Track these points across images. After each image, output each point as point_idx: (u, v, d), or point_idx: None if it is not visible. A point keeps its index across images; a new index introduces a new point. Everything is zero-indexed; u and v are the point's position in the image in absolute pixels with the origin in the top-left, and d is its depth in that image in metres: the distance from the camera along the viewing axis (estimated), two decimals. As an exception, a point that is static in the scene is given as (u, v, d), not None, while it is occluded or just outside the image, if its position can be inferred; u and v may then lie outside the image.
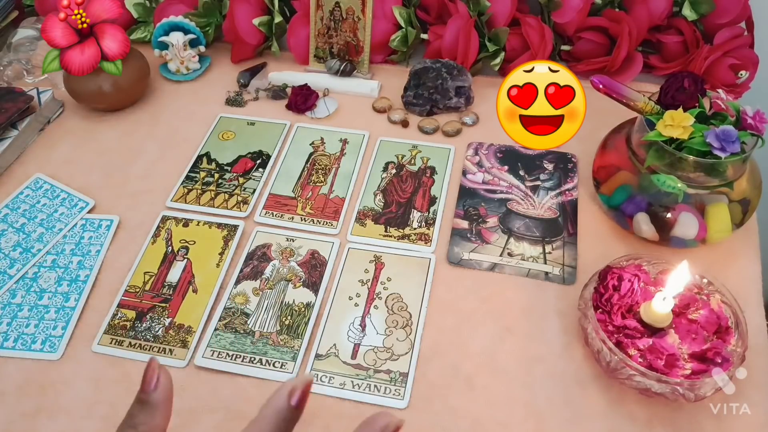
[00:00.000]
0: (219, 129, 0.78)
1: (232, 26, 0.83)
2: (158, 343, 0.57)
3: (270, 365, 0.55)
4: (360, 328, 0.58)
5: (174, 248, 0.65)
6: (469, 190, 0.69)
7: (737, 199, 0.58)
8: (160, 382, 0.36)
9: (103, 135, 0.78)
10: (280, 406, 0.32)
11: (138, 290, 0.61)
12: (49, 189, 0.71)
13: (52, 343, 0.57)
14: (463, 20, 0.78)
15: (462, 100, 0.78)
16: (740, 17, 0.77)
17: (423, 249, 0.64)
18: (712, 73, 0.76)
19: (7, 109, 0.75)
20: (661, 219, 0.59)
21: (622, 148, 0.61)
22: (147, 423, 0.35)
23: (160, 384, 0.36)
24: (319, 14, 0.81)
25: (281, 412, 0.32)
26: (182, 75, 0.85)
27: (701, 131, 0.55)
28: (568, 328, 0.57)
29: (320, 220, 0.67)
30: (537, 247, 0.63)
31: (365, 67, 0.83)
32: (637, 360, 0.50)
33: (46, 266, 0.63)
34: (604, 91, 0.59)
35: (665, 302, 0.51)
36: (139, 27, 0.90)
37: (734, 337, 0.51)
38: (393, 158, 0.73)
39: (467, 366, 0.55)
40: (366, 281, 0.61)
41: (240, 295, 0.61)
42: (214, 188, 0.70)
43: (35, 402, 0.54)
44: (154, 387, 0.36)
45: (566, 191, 0.68)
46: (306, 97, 0.79)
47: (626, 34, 0.75)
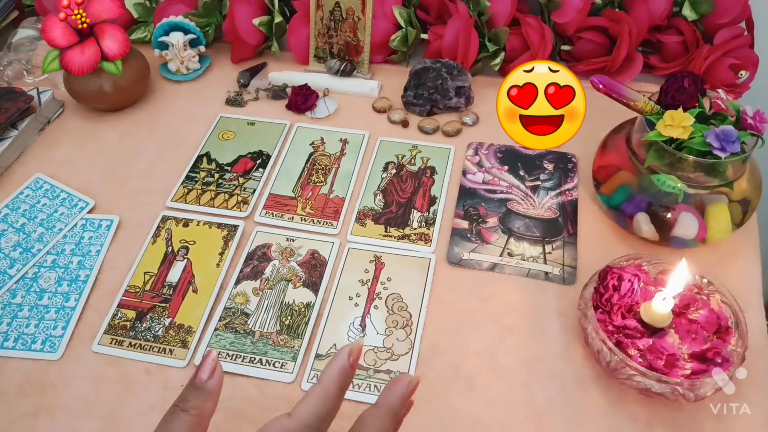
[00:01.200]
0: (219, 129, 0.78)
1: (232, 26, 0.83)
2: (158, 343, 0.57)
3: (270, 365, 0.55)
4: (360, 328, 0.58)
5: (174, 248, 0.65)
6: (469, 190, 0.69)
7: (737, 199, 0.58)
8: (216, 372, 0.39)
9: (103, 135, 0.78)
10: (343, 364, 0.38)
11: (138, 290, 0.61)
12: (49, 189, 0.71)
13: (52, 343, 0.57)
14: (463, 20, 0.78)
15: (462, 100, 0.78)
16: (740, 17, 0.77)
17: (423, 249, 0.64)
18: (712, 73, 0.76)
19: (7, 109, 0.75)
20: (661, 219, 0.59)
21: (622, 148, 0.61)
22: (198, 407, 0.38)
23: (216, 373, 0.39)
24: (319, 14, 0.81)
25: (344, 369, 0.38)
26: (182, 75, 0.85)
27: (701, 131, 0.55)
28: (568, 328, 0.57)
29: (320, 220, 0.67)
30: (537, 247, 0.63)
31: (365, 67, 0.83)
32: (637, 360, 0.50)
33: (46, 266, 0.63)
34: (604, 91, 0.59)
35: (665, 302, 0.51)
36: (139, 27, 0.90)
37: (734, 337, 0.51)
38: (393, 158, 0.73)
39: (467, 366, 0.55)
40: (366, 281, 0.61)
41: (240, 295, 0.61)
42: (214, 188, 0.70)
43: (35, 402, 0.54)
44: (211, 374, 0.39)
45: (566, 191, 0.68)
46: (306, 97, 0.79)
47: (626, 34, 0.75)
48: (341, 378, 0.38)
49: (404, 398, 0.39)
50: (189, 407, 0.38)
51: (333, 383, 0.38)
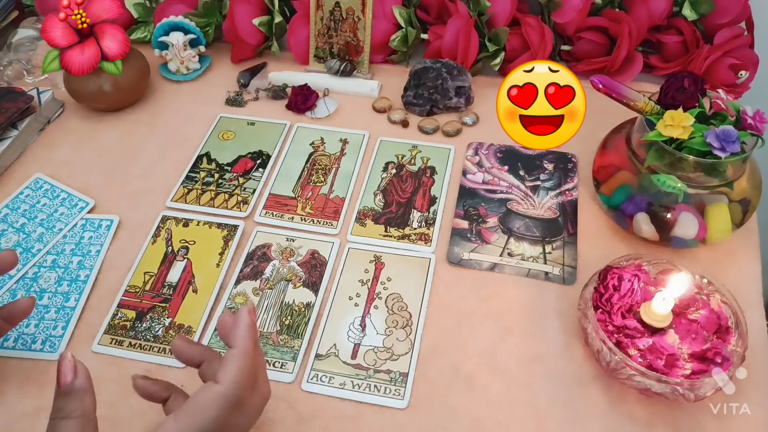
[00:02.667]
0: (219, 129, 0.78)
1: (232, 26, 0.83)
2: (158, 343, 0.57)
3: (270, 365, 0.55)
4: (360, 328, 0.58)
5: (174, 248, 0.65)
6: (469, 190, 0.69)
7: (737, 199, 0.58)
8: (78, 371, 0.40)
9: (103, 135, 0.78)
10: (247, 322, 0.42)
11: (138, 290, 0.61)
12: (49, 189, 0.71)
13: (52, 343, 0.57)
14: (463, 20, 0.78)
15: (462, 100, 0.78)
16: (740, 17, 0.77)
17: (423, 249, 0.64)
18: (712, 73, 0.76)
19: (7, 109, 0.75)
20: (661, 219, 0.59)
21: (622, 148, 0.61)
22: (78, 408, 0.39)
23: (80, 371, 0.40)
24: (319, 14, 0.81)
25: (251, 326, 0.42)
26: (182, 75, 0.85)
27: (701, 131, 0.55)
28: (568, 328, 0.57)
29: (320, 220, 0.67)
30: (537, 247, 0.63)
31: (365, 67, 0.83)
32: (637, 360, 0.50)
33: (46, 266, 0.63)
34: (604, 91, 0.59)
35: (665, 302, 0.51)
36: (139, 27, 0.90)
37: (734, 337, 0.51)
38: (393, 158, 0.73)
39: (467, 366, 0.55)
40: (366, 281, 0.61)
41: (240, 295, 0.61)
42: (214, 188, 0.70)
43: (35, 402, 0.54)
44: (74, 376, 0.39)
45: (566, 191, 0.68)
46: (306, 97, 0.79)
47: (626, 34, 0.75)
48: (252, 334, 0.42)
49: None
50: (68, 414, 0.38)
51: (247, 341, 0.41)
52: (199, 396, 0.39)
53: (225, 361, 0.40)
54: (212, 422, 0.38)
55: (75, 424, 0.38)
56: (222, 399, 0.39)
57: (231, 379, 0.40)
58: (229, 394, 0.39)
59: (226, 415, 0.39)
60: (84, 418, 0.39)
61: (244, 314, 0.42)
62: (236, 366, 0.40)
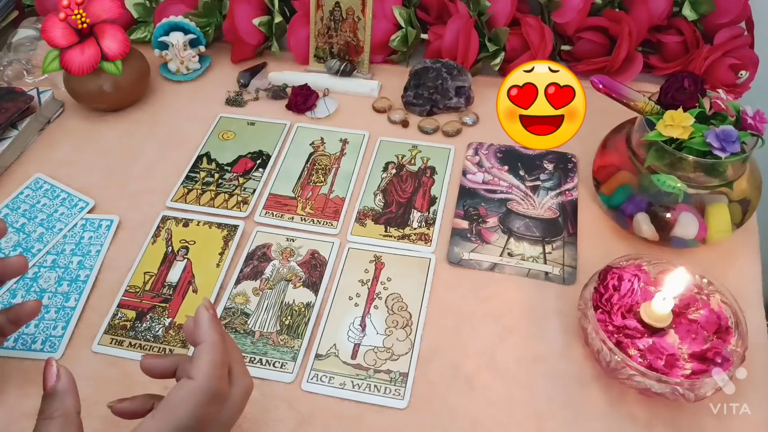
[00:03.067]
0: (219, 129, 0.78)
1: (232, 26, 0.83)
2: (158, 343, 0.57)
3: (270, 365, 0.55)
4: (360, 328, 0.58)
5: (174, 248, 0.65)
6: (469, 190, 0.69)
7: (737, 199, 0.58)
8: (61, 373, 0.42)
9: (103, 135, 0.78)
10: (208, 317, 0.42)
11: (138, 290, 0.61)
12: (49, 189, 0.71)
13: (52, 343, 0.57)
14: (463, 20, 0.78)
15: (462, 100, 0.78)
16: (740, 17, 0.77)
17: (423, 249, 0.64)
18: (712, 73, 0.76)
19: (7, 109, 0.75)
20: (661, 219, 0.59)
21: (622, 148, 0.61)
22: (60, 409, 0.41)
23: (62, 374, 0.42)
24: (319, 14, 0.81)
25: (212, 320, 0.42)
26: (182, 75, 0.85)
27: (701, 131, 0.55)
28: (568, 328, 0.57)
29: (320, 220, 0.67)
30: (537, 247, 0.63)
31: (365, 67, 0.83)
32: (637, 360, 0.50)
33: (46, 266, 0.63)
34: (604, 91, 0.59)
35: (665, 302, 0.51)
36: (139, 27, 0.90)
37: (734, 337, 0.51)
38: (393, 158, 0.73)
39: (467, 366, 0.55)
40: (366, 281, 0.61)
41: (240, 295, 0.61)
42: (214, 188, 0.70)
43: (35, 402, 0.53)
44: (57, 378, 0.41)
45: (566, 191, 0.68)
46: (306, 97, 0.79)
47: (626, 34, 0.75)
48: (215, 326, 0.42)
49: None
50: (50, 414, 0.40)
51: (212, 333, 0.42)
52: (175, 393, 0.40)
53: (195, 358, 0.41)
54: (189, 417, 0.39)
55: (56, 424, 0.40)
56: (197, 392, 0.39)
57: (203, 373, 0.40)
58: (204, 387, 0.39)
59: (204, 409, 0.39)
60: (64, 418, 0.40)
61: (201, 311, 0.43)
62: (206, 359, 0.40)
